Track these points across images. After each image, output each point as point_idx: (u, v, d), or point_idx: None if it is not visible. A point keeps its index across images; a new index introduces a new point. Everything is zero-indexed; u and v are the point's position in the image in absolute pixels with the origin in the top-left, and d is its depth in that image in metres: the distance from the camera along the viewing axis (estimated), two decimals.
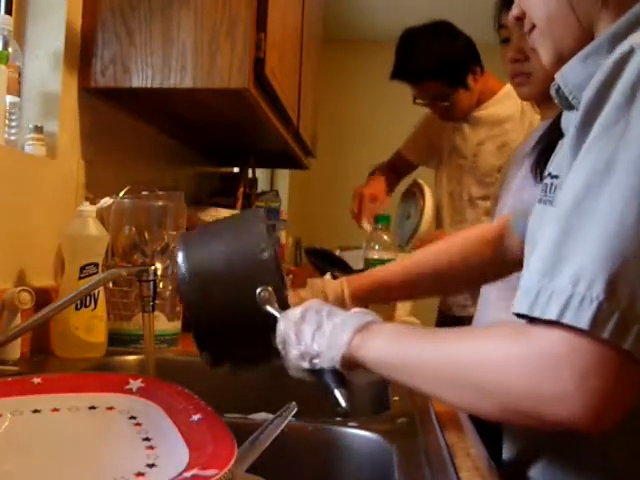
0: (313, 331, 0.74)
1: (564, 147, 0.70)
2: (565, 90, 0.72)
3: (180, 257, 0.82)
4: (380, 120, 4.37)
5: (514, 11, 0.81)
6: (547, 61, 0.78)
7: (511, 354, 0.56)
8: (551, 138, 1.45)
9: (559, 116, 1.46)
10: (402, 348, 0.69)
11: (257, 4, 1.34)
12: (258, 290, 0.78)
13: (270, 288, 0.79)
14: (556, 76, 0.75)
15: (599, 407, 0.52)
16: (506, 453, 0.83)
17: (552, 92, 0.77)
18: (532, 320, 0.55)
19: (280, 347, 0.76)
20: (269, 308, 0.78)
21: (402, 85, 2.20)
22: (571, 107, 0.73)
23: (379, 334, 0.72)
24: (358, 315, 0.75)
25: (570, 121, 0.71)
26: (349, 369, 0.73)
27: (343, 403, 0.71)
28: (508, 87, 1.98)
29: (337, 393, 0.71)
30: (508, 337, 0.58)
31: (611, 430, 0.54)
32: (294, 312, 0.77)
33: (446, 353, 0.63)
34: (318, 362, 0.73)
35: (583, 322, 0.51)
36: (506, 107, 2.07)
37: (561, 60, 0.75)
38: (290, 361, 0.75)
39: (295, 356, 0.74)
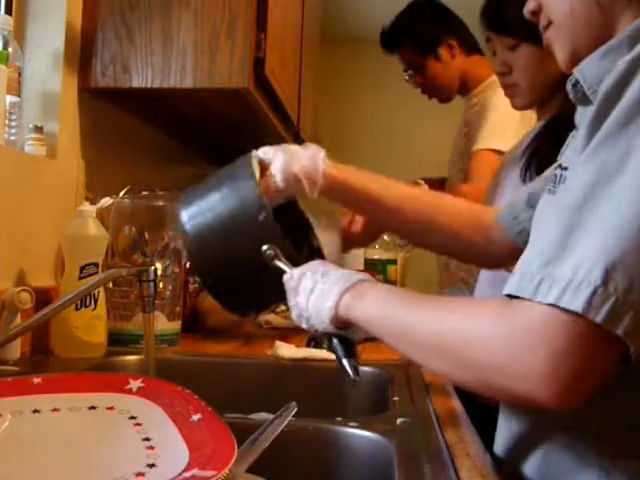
0: (307, 295, 0.77)
1: (576, 140, 0.70)
2: (584, 85, 0.71)
3: (181, 218, 0.86)
4: (380, 120, 4.37)
5: (530, 5, 0.79)
6: (562, 59, 0.77)
7: (496, 329, 0.57)
8: (543, 140, 1.47)
9: (552, 119, 1.47)
10: (389, 312, 0.70)
11: (257, 4, 1.34)
12: (264, 249, 0.80)
13: (274, 246, 0.81)
14: (574, 71, 0.73)
15: (571, 387, 0.53)
16: (499, 447, 0.83)
17: (568, 87, 0.75)
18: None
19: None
20: (278, 263, 0.81)
21: (402, 85, 2.20)
22: (587, 102, 0.72)
23: (367, 295, 0.73)
24: (347, 275, 0.76)
25: (585, 116, 0.70)
26: (343, 329, 0.75)
27: (351, 373, 0.73)
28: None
29: (345, 363, 0.74)
30: (496, 312, 0.58)
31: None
32: (295, 273, 0.80)
33: (433, 322, 0.64)
34: (313, 324, 0.76)
35: (577, 305, 0.52)
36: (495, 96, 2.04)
37: (576, 59, 0.73)
38: (294, 321, 0.79)
39: (295, 317, 0.78)
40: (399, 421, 0.83)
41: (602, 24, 0.72)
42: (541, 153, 1.45)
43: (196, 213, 0.86)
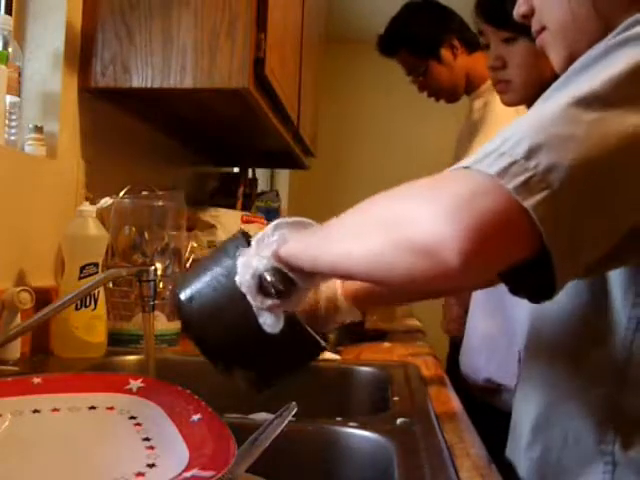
0: (255, 243, 0.71)
1: None
2: None
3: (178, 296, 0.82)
4: (380, 120, 4.38)
5: (521, 8, 0.79)
6: (557, 63, 0.77)
7: (413, 190, 0.57)
8: None
9: None
10: (322, 227, 0.67)
11: (257, 4, 1.34)
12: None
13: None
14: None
15: (472, 228, 0.49)
16: (513, 432, 0.83)
17: None
18: None
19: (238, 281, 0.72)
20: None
21: (403, 86, 2.20)
22: None
23: (309, 229, 0.70)
24: (291, 220, 0.71)
25: None
26: (287, 268, 0.68)
27: (280, 286, 0.68)
28: None
29: (270, 279, 0.68)
30: (421, 180, 0.57)
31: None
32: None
33: (361, 208, 0.62)
34: (255, 265, 0.69)
35: (492, 169, 0.52)
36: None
37: (572, 62, 0.74)
38: (244, 287, 0.70)
39: (242, 272, 0.70)
40: (399, 421, 0.83)
41: (599, 30, 0.72)
42: None
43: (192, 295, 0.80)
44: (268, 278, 0.67)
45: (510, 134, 0.54)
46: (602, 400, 0.70)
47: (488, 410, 0.96)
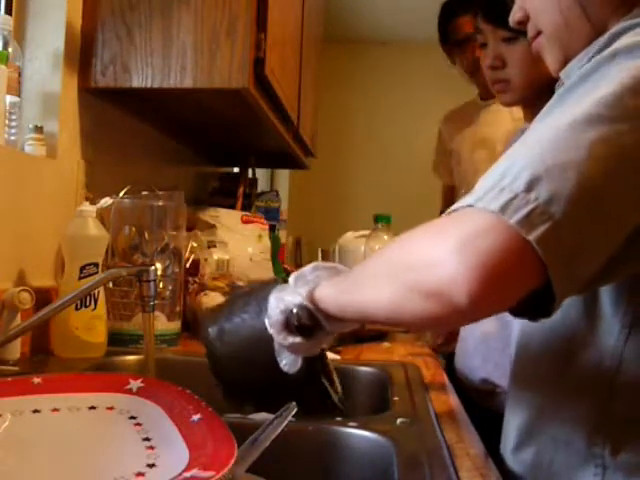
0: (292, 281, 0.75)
1: None
2: None
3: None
4: (380, 120, 4.38)
5: (516, 15, 0.80)
6: (554, 67, 0.78)
7: (422, 231, 0.58)
8: None
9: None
10: (348, 273, 0.71)
11: (257, 4, 1.34)
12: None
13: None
14: (561, 74, 0.75)
15: (480, 271, 0.50)
16: (505, 439, 0.83)
17: (558, 91, 0.77)
18: None
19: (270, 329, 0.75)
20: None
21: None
22: None
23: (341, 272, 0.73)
24: (330, 266, 0.75)
25: None
26: (315, 309, 0.71)
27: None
28: None
29: (301, 317, 0.72)
30: (429, 224, 0.59)
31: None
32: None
33: (378, 255, 0.66)
34: (289, 300, 0.72)
35: (494, 205, 0.52)
36: None
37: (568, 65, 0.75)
38: (272, 322, 0.74)
39: (273, 306, 0.74)
40: (399, 421, 0.83)
41: (591, 32, 0.73)
42: None
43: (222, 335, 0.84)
44: (295, 310, 0.71)
45: (508, 166, 0.55)
46: (592, 406, 0.70)
47: (488, 410, 0.96)
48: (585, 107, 0.56)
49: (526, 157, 0.55)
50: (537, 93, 1.45)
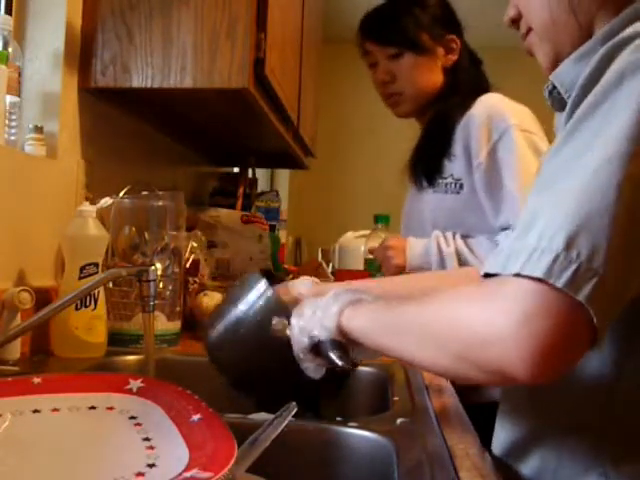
0: (311, 309, 0.79)
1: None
2: (561, 90, 0.73)
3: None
4: (380, 120, 4.37)
5: (510, 13, 0.82)
6: (545, 64, 0.79)
7: (472, 304, 0.58)
8: (421, 144, 1.65)
9: (427, 125, 1.58)
10: (377, 316, 0.72)
11: (257, 4, 1.34)
12: (273, 322, 0.82)
13: (284, 321, 0.83)
14: (551, 77, 0.75)
15: (540, 351, 0.52)
16: (496, 447, 0.83)
17: (545, 94, 0.78)
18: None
19: (290, 334, 0.80)
20: (288, 332, 0.82)
21: None
22: (565, 107, 0.73)
23: (368, 305, 0.76)
24: (350, 291, 0.79)
25: (562, 121, 0.71)
26: (345, 339, 0.76)
27: (339, 362, 0.75)
28: None
29: (332, 354, 0.75)
30: (473, 291, 0.60)
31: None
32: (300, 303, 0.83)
33: (416, 313, 0.66)
34: (316, 334, 0.77)
35: (539, 271, 0.52)
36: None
37: (559, 62, 0.75)
38: (296, 345, 0.79)
39: (297, 334, 0.79)
40: (399, 421, 0.83)
41: (580, 29, 0.74)
42: (425, 157, 1.63)
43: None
44: (330, 353, 0.76)
45: (545, 225, 0.54)
46: (593, 414, 0.70)
47: (488, 410, 0.96)
48: (608, 144, 0.55)
49: (558, 212, 0.54)
50: (428, 102, 1.59)
